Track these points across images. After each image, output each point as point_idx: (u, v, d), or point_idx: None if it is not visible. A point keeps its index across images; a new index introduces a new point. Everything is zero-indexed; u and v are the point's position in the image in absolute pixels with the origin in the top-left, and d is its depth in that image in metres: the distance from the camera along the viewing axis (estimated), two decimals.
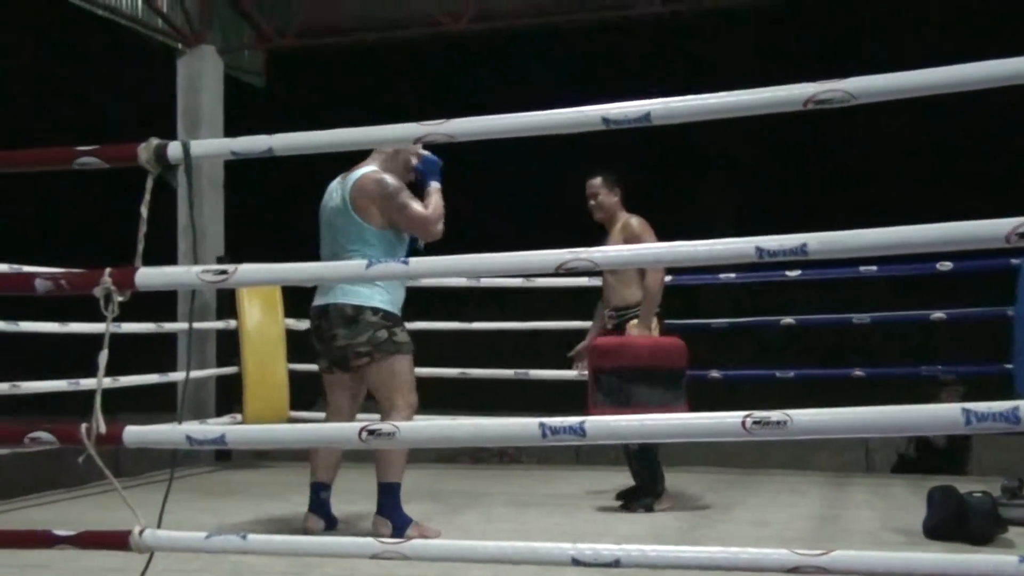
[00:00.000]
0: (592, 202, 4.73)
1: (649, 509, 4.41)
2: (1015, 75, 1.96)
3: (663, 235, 4.88)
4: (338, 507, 4.08)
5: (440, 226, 3.84)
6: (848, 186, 13.73)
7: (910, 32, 12.88)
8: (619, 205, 4.73)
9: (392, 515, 3.75)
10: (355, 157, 3.93)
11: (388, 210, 3.80)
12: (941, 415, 1.97)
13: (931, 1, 12.59)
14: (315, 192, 4.05)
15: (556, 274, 2.40)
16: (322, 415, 7.01)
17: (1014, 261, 5.07)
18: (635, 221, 4.63)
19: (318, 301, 3.88)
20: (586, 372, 4.70)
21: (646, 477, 4.48)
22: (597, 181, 4.73)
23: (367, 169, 3.88)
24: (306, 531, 3.90)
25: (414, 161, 3.95)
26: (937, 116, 12.01)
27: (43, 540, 2.45)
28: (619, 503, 4.54)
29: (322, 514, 3.99)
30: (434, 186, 3.90)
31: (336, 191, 3.92)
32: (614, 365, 4.31)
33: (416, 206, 3.82)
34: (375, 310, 3.77)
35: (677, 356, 4.40)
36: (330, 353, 3.87)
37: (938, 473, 4.84)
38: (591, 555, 2.16)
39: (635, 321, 4.50)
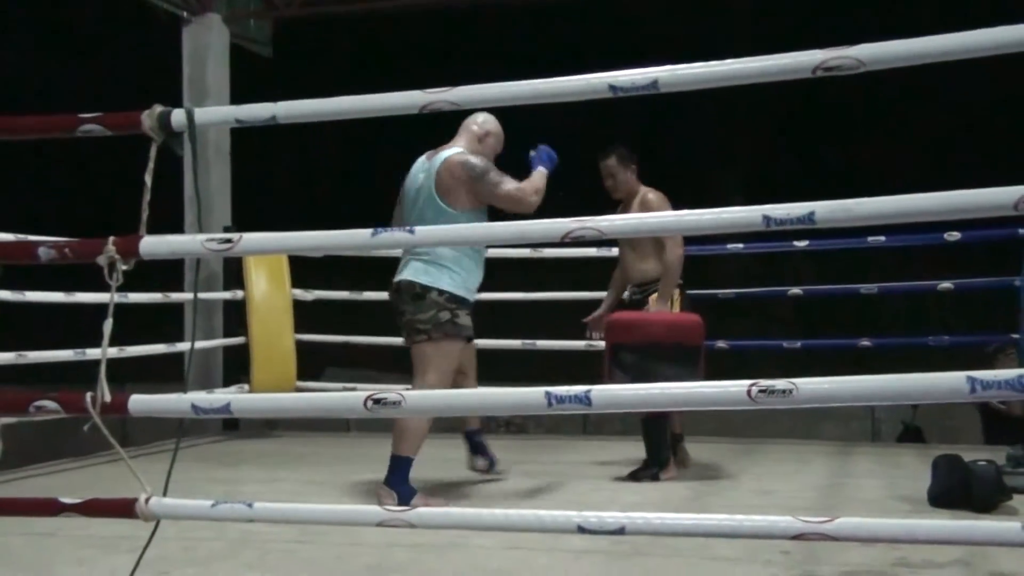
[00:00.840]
0: (609, 182, 4.74)
1: (655, 478, 4.42)
2: (1022, 42, 1.93)
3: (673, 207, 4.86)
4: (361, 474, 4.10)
5: (536, 198, 3.88)
6: (859, 157, 13.64)
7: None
8: (635, 180, 4.73)
9: (398, 487, 3.79)
10: (439, 137, 3.96)
11: (480, 190, 3.85)
12: (945, 383, 1.96)
13: None
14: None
15: (562, 243, 2.39)
16: (330, 385, 7.06)
17: (1022, 231, 5.04)
18: (652, 195, 4.65)
19: (395, 277, 3.98)
20: (598, 340, 4.79)
21: (653, 447, 4.50)
22: (611, 161, 4.72)
23: (454, 150, 3.93)
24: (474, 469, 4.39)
25: (532, 152, 4.04)
26: (948, 84, 11.92)
27: (49, 508, 2.47)
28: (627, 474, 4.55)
29: (485, 455, 4.44)
30: (540, 169, 3.99)
31: (422, 170, 3.97)
32: (631, 341, 4.31)
33: (509, 182, 3.87)
34: (441, 291, 3.85)
35: (694, 333, 4.37)
36: (402, 328, 3.97)
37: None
38: (596, 523, 2.16)
39: (654, 297, 4.52)
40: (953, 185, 2.02)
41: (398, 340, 6.25)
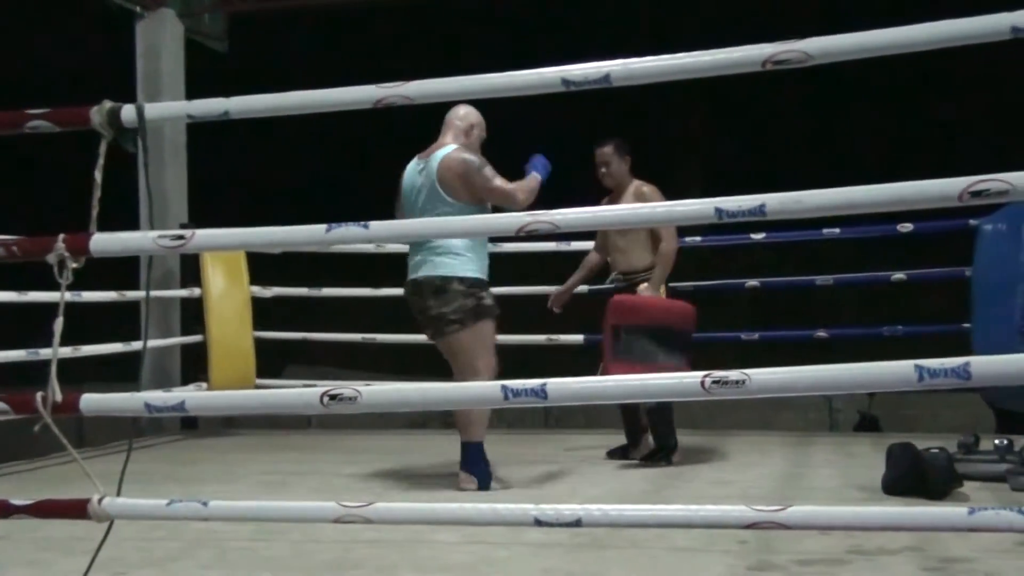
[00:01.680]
0: (603, 169, 4.81)
1: (669, 463, 4.58)
2: (968, 35, 1.97)
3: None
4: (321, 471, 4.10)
5: (525, 197, 4.00)
6: (813, 151, 13.79)
7: None
8: (628, 173, 4.82)
9: (475, 470, 4.01)
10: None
11: (474, 185, 3.96)
12: (895, 372, 1.99)
13: None
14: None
15: (518, 238, 2.40)
16: (290, 382, 7.02)
17: (973, 222, 5.13)
18: (647, 188, 4.75)
19: (409, 277, 4.08)
20: (556, 310, 4.99)
21: (663, 433, 4.63)
22: (608, 149, 4.80)
23: (450, 148, 4.03)
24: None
25: (535, 173, 4.13)
26: (900, 77, 12.09)
27: (0, 510, 2.43)
28: (635, 461, 4.71)
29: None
30: (533, 175, 4.11)
31: (417, 172, 4.06)
32: (634, 322, 4.41)
33: (502, 183, 3.99)
34: (461, 279, 3.96)
35: (690, 319, 4.55)
36: (429, 325, 4.07)
37: None
38: (553, 515, 2.17)
39: (645, 284, 4.65)
40: (907, 178, 2.06)
41: (356, 336, 6.24)
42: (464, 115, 4.15)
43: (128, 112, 2.38)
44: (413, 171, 4.09)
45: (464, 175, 3.95)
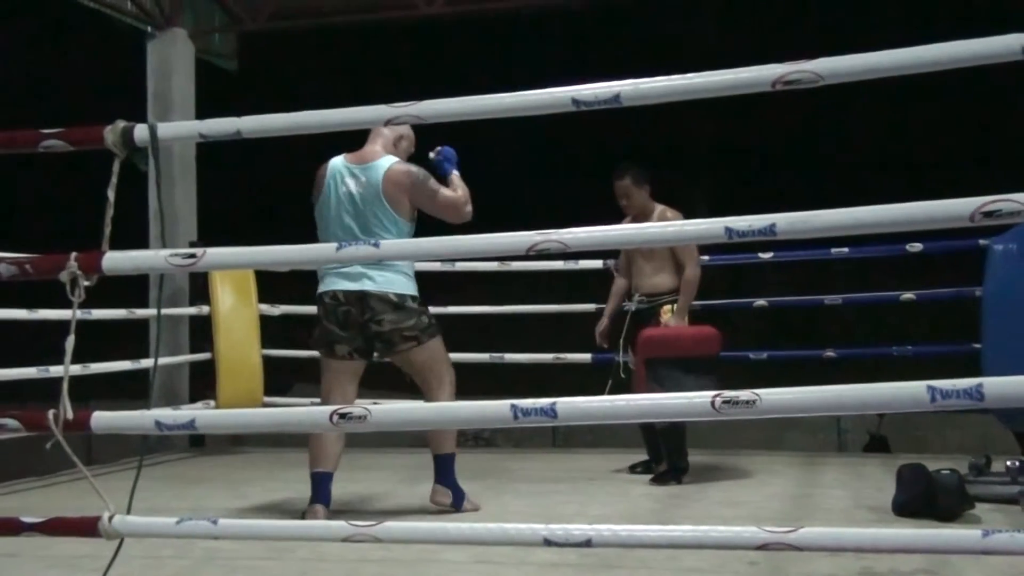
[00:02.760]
0: (624, 201, 4.87)
1: (679, 482, 4.63)
2: (978, 56, 1.98)
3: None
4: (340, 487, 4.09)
5: (470, 207, 3.96)
6: (825, 171, 13.80)
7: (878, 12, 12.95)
8: (650, 199, 4.86)
9: (450, 484, 4.00)
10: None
11: (419, 198, 3.90)
12: (907, 393, 1.98)
13: None
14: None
15: (528, 257, 2.40)
16: (298, 400, 7.02)
17: (983, 241, 5.12)
18: (671, 213, 4.83)
19: (344, 286, 3.87)
20: (605, 346, 5.07)
21: (674, 455, 4.69)
22: (626, 181, 4.84)
23: (391, 160, 3.93)
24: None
25: (432, 155, 4.07)
26: (912, 97, 12.10)
27: (10, 527, 2.44)
28: (649, 477, 4.77)
29: (325, 503, 3.87)
30: (455, 173, 4.03)
31: (351, 175, 3.90)
32: (664, 355, 4.57)
33: (447, 191, 3.95)
34: (414, 297, 3.94)
35: (714, 343, 4.69)
36: (358, 339, 3.90)
37: None
38: (563, 535, 2.16)
39: (668, 308, 4.79)
40: (917, 198, 2.06)
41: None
42: (398, 126, 4.00)
43: (141, 132, 2.39)
44: (342, 172, 3.91)
45: (412, 189, 3.86)
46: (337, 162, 3.97)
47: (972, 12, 10.60)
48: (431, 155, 4.10)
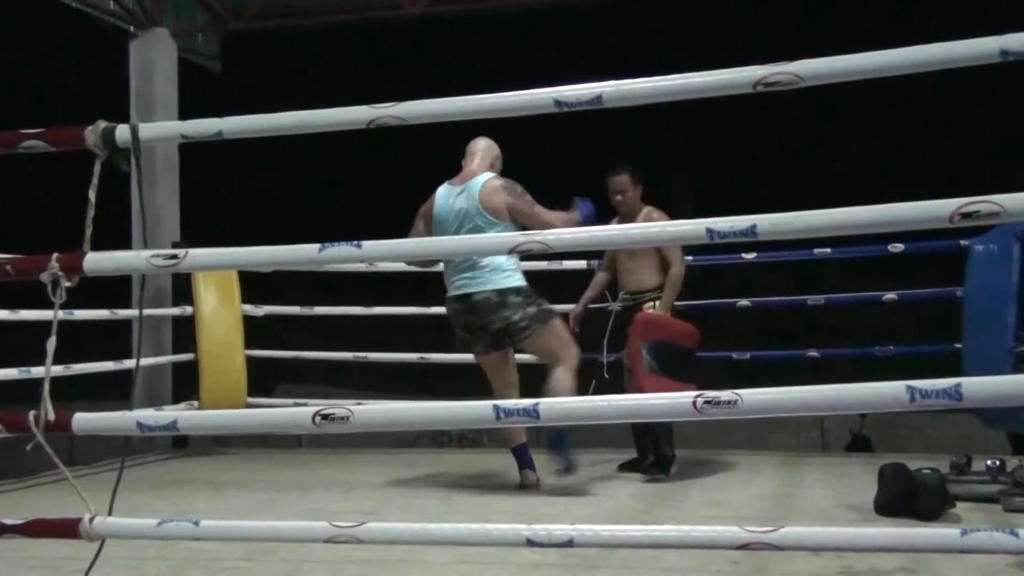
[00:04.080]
0: (619, 197, 4.91)
1: (667, 472, 4.72)
2: (957, 58, 1.99)
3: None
4: (311, 490, 4.11)
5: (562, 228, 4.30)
6: (809, 172, 13.86)
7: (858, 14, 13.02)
8: (640, 199, 4.94)
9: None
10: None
11: (517, 208, 4.25)
12: (887, 393, 2.00)
13: None
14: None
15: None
16: (282, 400, 7.02)
17: (963, 242, 5.15)
18: (657, 214, 4.88)
19: (455, 293, 4.34)
20: (577, 331, 5.00)
21: (661, 444, 4.76)
22: (624, 178, 4.90)
23: (487, 175, 4.33)
24: (526, 487, 4.44)
25: (578, 199, 4.42)
26: (893, 101, 12.17)
27: None
28: (642, 477, 4.79)
29: (533, 467, 4.48)
30: (575, 214, 4.36)
31: (454, 195, 4.31)
32: (660, 338, 4.60)
33: (542, 209, 4.31)
34: (516, 290, 4.30)
35: (696, 340, 4.79)
36: (484, 337, 4.37)
37: None
38: (545, 536, 2.17)
39: (651, 304, 4.84)
40: (898, 199, 2.07)
41: (348, 355, 6.22)
42: (487, 147, 4.46)
43: (123, 132, 2.38)
44: (447, 196, 4.33)
45: (510, 200, 4.25)
46: (442, 189, 4.39)
47: (960, 13, 10.67)
48: (577, 199, 4.42)
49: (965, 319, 4.80)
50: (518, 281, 4.32)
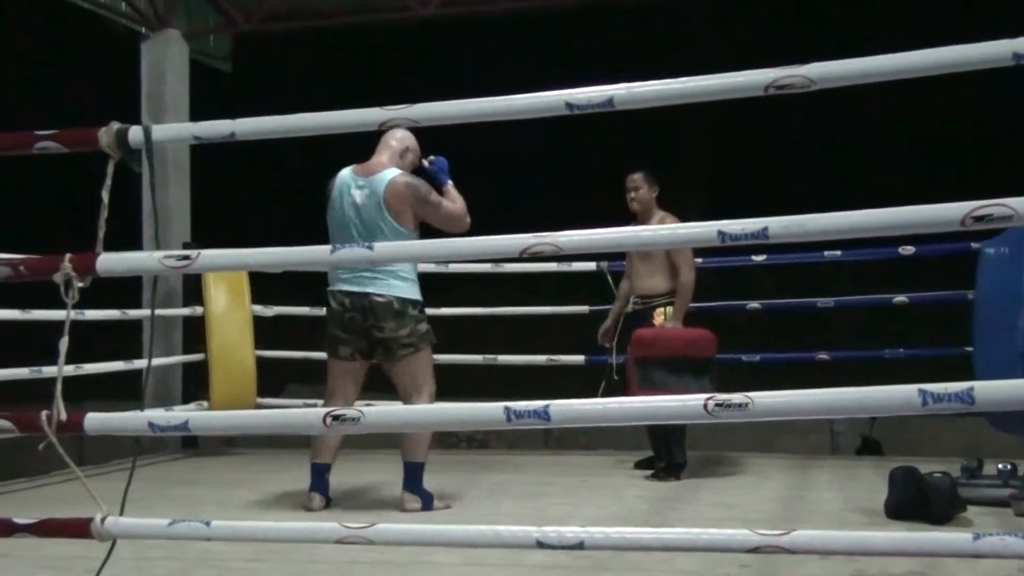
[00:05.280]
0: (632, 194, 5.00)
1: (678, 478, 4.74)
2: (970, 61, 1.99)
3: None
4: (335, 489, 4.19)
5: (468, 218, 4.08)
6: (823, 175, 13.82)
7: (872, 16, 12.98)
8: (655, 202, 5.01)
9: (419, 491, 4.05)
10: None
11: (422, 210, 4.02)
12: (898, 396, 1.99)
13: None
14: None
15: (521, 259, 2.41)
16: (291, 401, 7.02)
17: (975, 245, 5.13)
18: (670, 219, 4.92)
19: (348, 288, 4.01)
20: (607, 345, 5.18)
21: (674, 450, 4.79)
22: (639, 176, 5.01)
23: (394, 172, 4.04)
24: (308, 509, 4.08)
25: (426, 163, 4.18)
26: (904, 102, 12.13)
27: (2, 528, 2.43)
28: (648, 473, 4.87)
29: (323, 492, 4.13)
30: (450, 183, 4.14)
31: (357, 186, 4.03)
32: (654, 354, 4.65)
33: (447, 203, 4.07)
34: (415, 303, 4.04)
35: (708, 346, 4.75)
36: (361, 342, 4.05)
37: None
38: (555, 538, 2.17)
39: (661, 310, 4.91)
40: (911, 201, 2.06)
41: None
42: (401, 137, 4.14)
43: (135, 133, 2.39)
44: (349, 183, 4.05)
45: (413, 200, 3.99)
46: (345, 174, 4.10)
47: (973, 16, 10.63)
48: (425, 163, 4.19)
49: (976, 322, 4.78)
50: (417, 294, 4.06)
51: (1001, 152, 12.04)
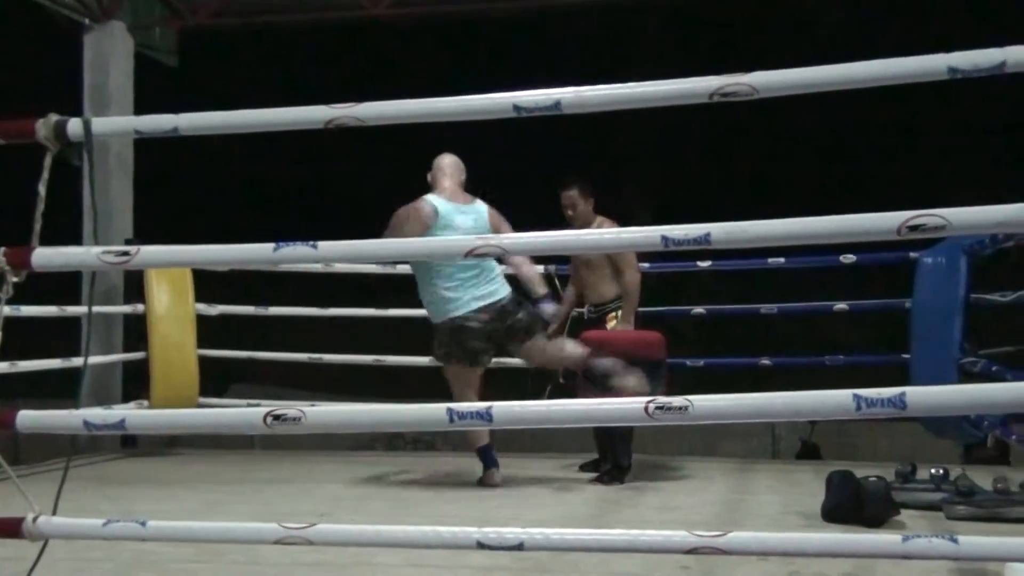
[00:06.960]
0: (570, 212, 4.97)
1: (622, 481, 4.74)
2: (906, 74, 2.03)
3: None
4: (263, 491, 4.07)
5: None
6: (760, 180, 14.01)
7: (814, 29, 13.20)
8: (592, 211, 4.98)
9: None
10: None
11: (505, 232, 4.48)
12: (833, 400, 2.03)
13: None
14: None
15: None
16: (235, 401, 6.95)
17: (913, 255, 5.25)
18: (608, 224, 4.91)
19: (489, 303, 4.54)
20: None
21: (619, 452, 4.80)
22: (574, 192, 4.96)
23: (480, 201, 4.64)
24: (493, 485, 4.63)
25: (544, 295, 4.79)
26: (853, 113, 12.35)
27: None
28: (591, 476, 4.87)
29: (498, 467, 4.70)
30: (540, 273, 4.90)
31: (462, 213, 4.54)
32: (601, 357, 4.60)
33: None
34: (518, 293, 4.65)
35: (656, 348, 4.76)
36: (491, 349, 4.64)
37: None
38: (495, 538, 2.17)
39: (613, 314, 4.93)
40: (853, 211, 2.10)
41: (303, 356, 6.19)
42: (458, 164, 4.69)
43: (75, 126, 2.35)
44: (453, 212, 4.51)
45: (503, 226, 4.57)
46: (441, 203, 4.54)
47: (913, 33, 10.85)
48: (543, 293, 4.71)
49: (913, 330, 4.88)
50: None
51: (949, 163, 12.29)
